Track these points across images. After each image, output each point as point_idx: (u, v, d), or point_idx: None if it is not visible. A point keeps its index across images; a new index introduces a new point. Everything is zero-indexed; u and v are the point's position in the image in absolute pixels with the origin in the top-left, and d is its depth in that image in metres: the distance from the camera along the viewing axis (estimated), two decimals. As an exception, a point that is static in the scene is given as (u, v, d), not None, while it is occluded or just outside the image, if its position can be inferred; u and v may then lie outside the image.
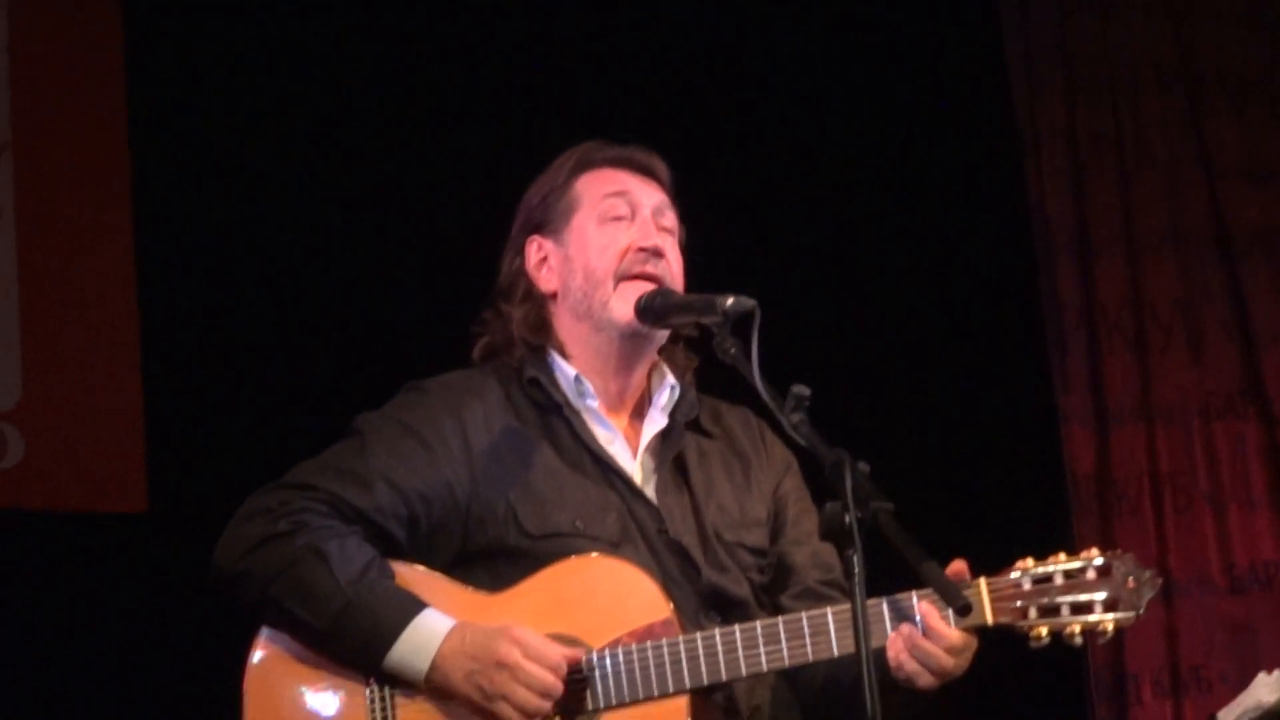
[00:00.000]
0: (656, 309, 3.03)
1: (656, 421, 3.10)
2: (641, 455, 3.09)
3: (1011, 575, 2.80)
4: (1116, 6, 5.91)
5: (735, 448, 3.17)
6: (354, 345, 4.81)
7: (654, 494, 3.05)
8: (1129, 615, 2.78)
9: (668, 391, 3.12)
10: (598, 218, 3.12)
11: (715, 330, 2.86)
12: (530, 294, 3.15)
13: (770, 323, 2.79)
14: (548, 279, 3.15)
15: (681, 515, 3.04)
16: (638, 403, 3.14)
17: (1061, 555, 2.82)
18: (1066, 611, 2.77)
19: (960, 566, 2.79)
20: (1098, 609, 2.77)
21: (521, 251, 3.17)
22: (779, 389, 2.71)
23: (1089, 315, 5.77)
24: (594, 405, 3.08)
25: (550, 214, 3.16)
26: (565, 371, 3.09)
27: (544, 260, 3.15)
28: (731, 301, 2.86)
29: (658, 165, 3.19)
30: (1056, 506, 5.61)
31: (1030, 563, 2.81)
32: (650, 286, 3.06)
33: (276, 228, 4.91)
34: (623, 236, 3.10)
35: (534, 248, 3.16)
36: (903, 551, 2.55)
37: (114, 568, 4.64)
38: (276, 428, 4.43)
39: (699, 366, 3.17)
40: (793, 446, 3.06)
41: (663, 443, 3.10)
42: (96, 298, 4.86)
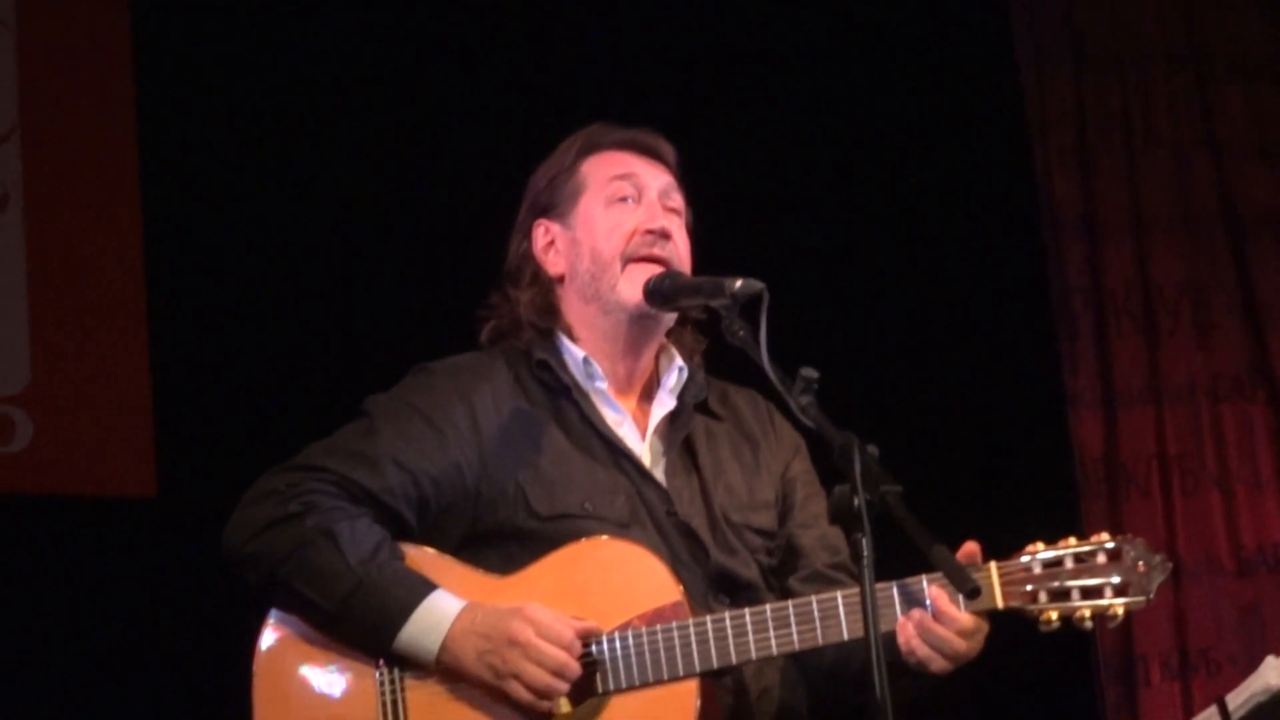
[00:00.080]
0: (665, 291, 3.02)
1: (665, 403, 3.10)
2: (650, 437, 3.08)
3: (1022, 559, 2.80)
4: (1125, -14, 5.90)
5: (744, 430, 3.16)
6: (362, 329, 4.81)
7: (662, 476, 3.04)
8: (1139, 600, 2.78)
9: (676, 373, 3.11)
10: (604, 200, 3.11)
11: (723, 312, 2.85)
12: (538, 277, 3.15)
13: (778, 306, 2.78)
14: (555, 262, 3.14)
15: (690, 497, 3.04)
16: (646, 385, 3.14)
17: (1072, 539, 2.82)
18: (1076, 596, 2.77)
19: (973, 548, 2.79)
20: (1108, 593, 2.77)
21: (528, 235, 3.17)
22: (787, 372, 2.70)
23: (1097, 298, 5.75)
24: (603, 387, 3.07)
25: (557, 197, 3.15)
26: (574, 354, 3.09)
27: (551, 243, 3.15)
28: (740, 284, 2.85)
29: (664, 147, 3.18)
30: (1065, 489, 5.61)
31: (1040, 546, 2.81)
32: (657, 269, 3.05)
33: (285, 211, 4.90)
34: (629, 219, 3.09)
35: (541, 231, 3.16)
36: (912, 535, 2.55)
37: (123, 552, 4.64)
38: (285, 411, 4.43)
39: (707, 349, 3.17)
40: (801, 429, 3.06)
41: (671, 425, 3.09)
42: (104, 282, 4.86)
